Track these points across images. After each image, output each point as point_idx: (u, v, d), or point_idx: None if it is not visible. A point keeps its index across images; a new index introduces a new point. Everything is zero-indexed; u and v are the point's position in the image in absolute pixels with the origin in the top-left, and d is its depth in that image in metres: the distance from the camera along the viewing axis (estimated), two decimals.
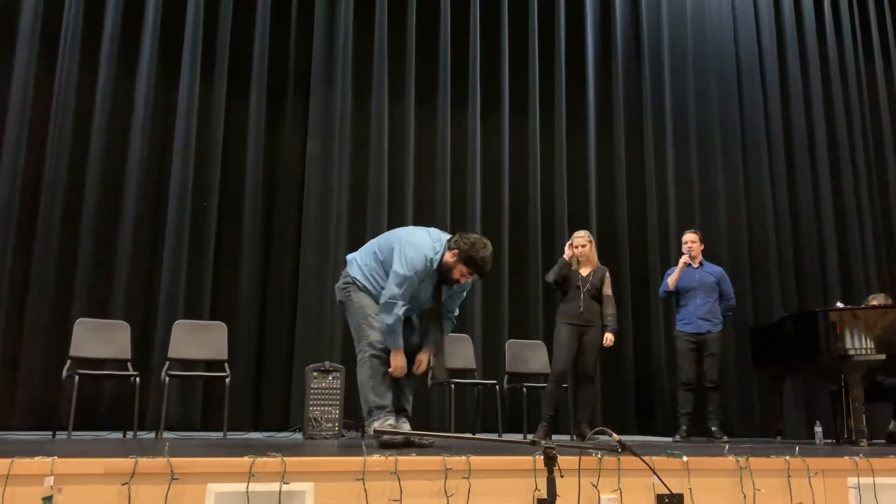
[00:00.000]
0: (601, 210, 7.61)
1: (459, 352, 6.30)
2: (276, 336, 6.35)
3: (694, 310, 5.87)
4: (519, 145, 7.48)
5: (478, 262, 3.59)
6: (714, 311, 5.91)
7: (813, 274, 8.09)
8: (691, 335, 5.85)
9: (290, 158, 6.69)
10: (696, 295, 5.89)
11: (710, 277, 5.99)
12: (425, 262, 3.56)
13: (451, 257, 3.60)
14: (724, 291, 6.02)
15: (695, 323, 5.85)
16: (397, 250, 3.58)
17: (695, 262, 6.03)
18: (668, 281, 5.99)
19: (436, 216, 6.95)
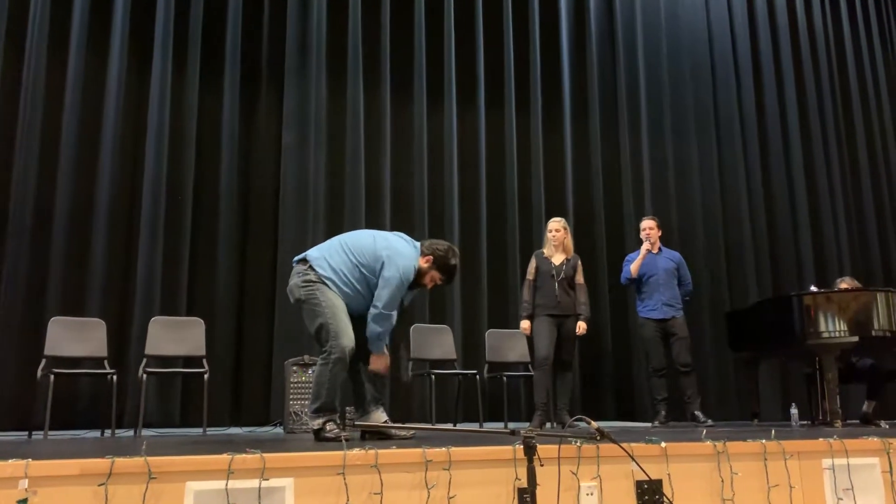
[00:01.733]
0: (577, 198, 7.65)
1: (439, 342, 6.31)
2: (254, 331, 6.33)
3: (658, 296, 5.87)
4: (495, 135, 7.48)
5: (451, 269, 3.71)
6: (676, 296, 5.93)
7: (787, 259, 8.19)
8: (658, 321, 5.85)
9: (265, 150, 6.66)
10: (660, 281, 5.89)
11: (671, 263, 6.00)
12: (413, 271, 3.62)
13: (425, 263, 3.67)
14: (682, 277, 6.04)
15: (660, 309, 5.86)
16: (388, 260, 3.59)
17: (655, 248, 6.03)
18: (631, 268, 5.97)
19: (413, 206, 6.95)
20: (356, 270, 3.66)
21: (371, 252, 3.66)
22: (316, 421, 3.54)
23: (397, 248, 3.64)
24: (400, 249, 3.64)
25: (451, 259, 3.69)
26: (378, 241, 3.71)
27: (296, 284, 3.69)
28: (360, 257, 3.67)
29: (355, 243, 3.72)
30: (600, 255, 7.54)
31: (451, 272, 3.71)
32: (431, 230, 6.94)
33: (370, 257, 3.66)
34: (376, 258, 3.64)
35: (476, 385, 6.06)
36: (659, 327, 5.87)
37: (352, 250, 3.69)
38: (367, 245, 3.70)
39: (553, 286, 5.46)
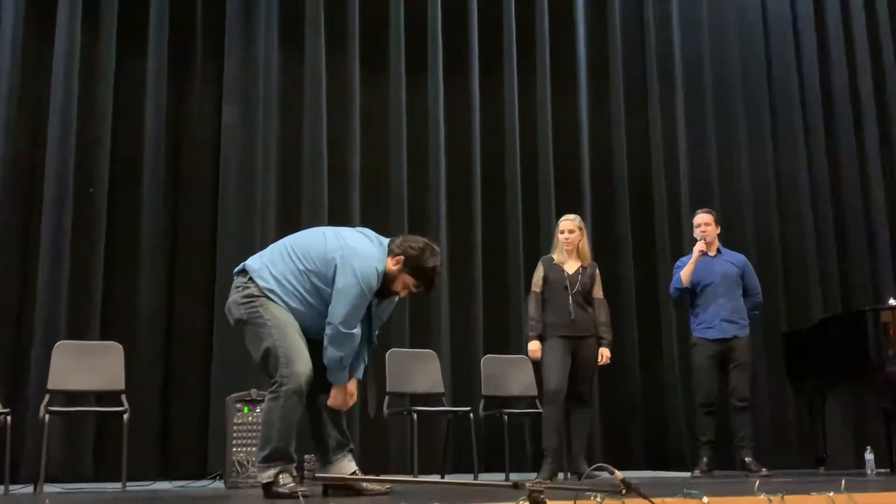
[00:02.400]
0: (596, 189, 7.66)
1: (423, 372, 6.32)
2: (187, 359, 6.31)
3: (716, 310, 5.86)
4: (492, 110, 7.48)
5: (427, 272, 3.66)
6: (739, 310, 5.92)
7: (860, 265, 8.20)
8: (714, 342, 5.84)
9: (200, 130, 6.65)
10: (717, 291, 5.90)
11: (733, 269, 6.00)
12: (376, 275, 3.60)
13: (395, 265, 3.64)
14: (749, 285, 6.04)
15: (718, 326, 5.85)
16: (341, 263, 3.58)
17: (711, 249, 6.03)
18: (681, 275, 5.95)
19: (389, 200, 6.96)
20: (305, 280, 3.65)
21: (321, 254, 3.65)
22: (266, 472, 3.52)
23: (354, 247, 3.63)
24: (358, 249, 3.63)
25: (429, 259, 3.65)
26: (330, 240, 3.69)
27: (234, 301, 3.69)
28: (308, 262, 3.65)
29: (302, 245, 3.72)
30: (625, 260, 7.56)
31: (428, 276, 3.67)
32: (413, 230, 6.88)
33: (320, 261, 3.64)
34: (327, 262, 3.62)
35: (469, 425, 6.02)
36: (716, 350, 5.85)
37: (299, 254, 3.68)
38: (315, 246, 3.68)
39: (566, 300, 5.48)
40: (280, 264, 3.67)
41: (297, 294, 3.64)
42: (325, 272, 3.61)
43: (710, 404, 5.83)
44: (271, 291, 3.62)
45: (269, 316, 3.58)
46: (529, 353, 5.57)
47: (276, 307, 3.61)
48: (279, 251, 3.74)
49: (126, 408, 5.27)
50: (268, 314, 3.59)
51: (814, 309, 7.81)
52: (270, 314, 3.59)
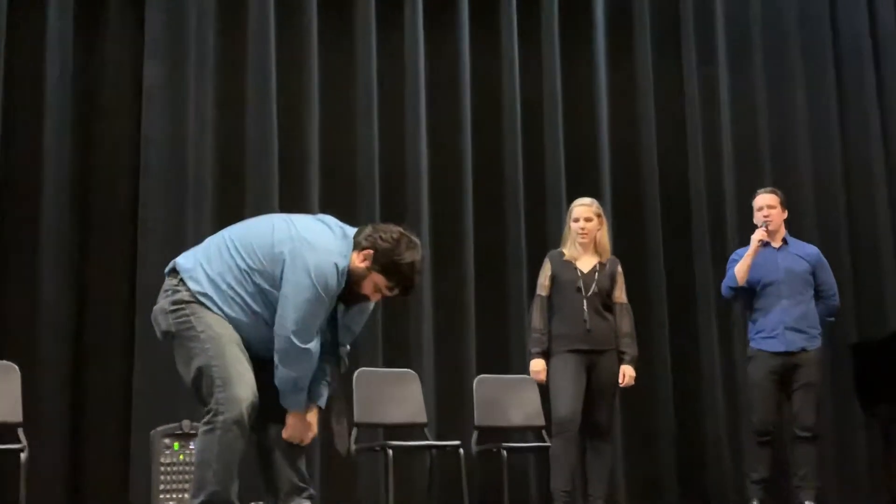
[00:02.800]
0: (617, 167, 7.69)
1: (401, 397, 6.34)
2: (102, 383, 6.28)
3: (780, 316, 5.88)
4: (486, 71, 7.48)
5: (403, 269, 3.63)
6: (809, 316, 5.95)
7: None
8: (776, 356, 5.86)
9: (115, 93, 6.61)
10: (781, 292, 5.92)
11: (802, 264, 6.03)
12: (336, 274, 3.57)
13: (362, 261, 3.62)
14: (822, 284, 6.08)
15: (781, 336, 5.87)
16: (291, 258, 3.56)
17: (775, 239, 6.05)
18: (736, 271, 5.99)
19: (355, 182, 6.96)
20: (247, 281, 3.63)
21: (266, 248, 3.62)
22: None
23: (307, 238, 3.61)
24: (312, 240, 3.60)
25: (405, 253, 3.61)
26: (279, 229, 3.67)
27: (161, 309, 3.69)
28: (251, 258, 3.63)
29: (245, 238, 3.70)
30: (654, 255, 7.59)
31: (404, 274, 3.63)
32: (385, 218, 6.85)
33: (265, 257, 3.62)
34: (274, 258, 3.60)
35: (459, 463, 6.04)
36: (777, 366, 5.86)
37: (240, 249, 3.66)
38: (260, 238, 3.67)
39: (580, 305, 5.47)
40: (217, 262, 3.66)
41: (237, 300, 3.63)
42: (272, 271, 3.59)
43: (767, 433, 5.84)
44: (205, 296, 3.61)
45: (202, 327, 3.57)
46: (532, 374, 5.58)
47: (211, 316, 3.60)
48: (217, 246, 3.73)
49: (24, 445, 5.27)
50: (201, 325, 3.58)
51: (890, 315, 7.83)
52: (204, 325, 3.58)
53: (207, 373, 3.53)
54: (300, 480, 3.75)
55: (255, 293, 3.62)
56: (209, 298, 3.61)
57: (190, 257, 3.75)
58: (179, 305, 3.62)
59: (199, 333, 3.57)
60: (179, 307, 3.62)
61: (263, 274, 3.60)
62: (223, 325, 3.60)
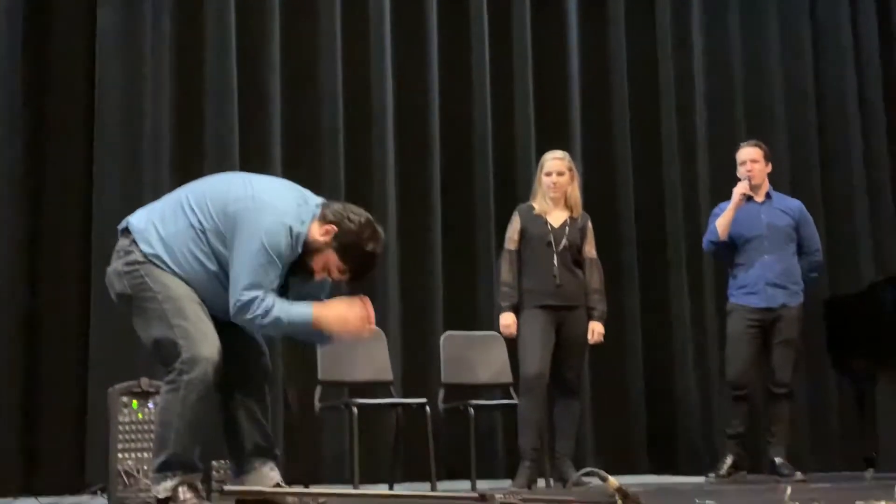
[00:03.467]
0: (588, 122, 7.73)
1: (366, 356, 6.32)
2: (56, 340, 6.23)
3: (761, 271, 5.93)
4: (454, 22, 7.45)
5: (363, 257, 3.59)
6: (792, 271, 6.00)
7: None
8: (757, 312, 5.92)
9: (67, 40, 6.51)
10: (764, 247, 5.96)
11: (785, 219, 6.08)
12: (289, 238, 3.54)
13: (323, 235, 3.57)
14: (805, 240, 6.13)
15: (763, 292, 5.92)
16: (242, 216, 3.55)
17: (759, 193, 6.07)
18: (717, 225, 6.02)
19: (320, 132, 6.93)
20: (201, 240, 3.61)
21: (220, 207, 3.59)
22: (162, 485, 3.53)
23: (263, 198, 3.58)
24: (267, 201, 3.57)
25: (367, 242, 3.57)
26: (234, 186, 3.67)
27: (114, 271, 3.69)
28: (205, 217, 3.60)
29: (200, 195, 3.67)
30: (625, 212, 7.63)
31: (360, 261, 3.60)
32: (351, 171, 6.94)
33: (219, 216, 3.59)
34: (227, 217, 3.57)
35: (426, 422, 6.05)
36: (756, 320, 5.91)
37: (195, 207, 3.63)
38: (215, 196, 3.64)
39: (550, 260, 5.47)
40: (171, 222, 3.65)
41: (191, 259, 3.62)
42: (225, 231, 3.58)
43: (742, 387, 5.94)
44: (157, 258, 3.61)
45: (158, 287, 3.58)
46: (502, 329, 5.58)
47: (167, 276, 3.61)
48: (172, 204, 3.73)
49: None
50: (157, 285, 3.58)
51: (864, 270, 7.92)
52: (161, 285, 3.59)
53: (168, 334, 3.54)
54: (264, 440, 3.78)
55: (209, 253, 3.62)
56: (161, 260, 3.61)
57: (143, 217, 3.73)
58: (133, 266, 3.62)
59: (156, 294, 3.57)
60: (133, 268, 3.62)
61: (216, 233, 3.60)
62: (180, 285, 3.60)
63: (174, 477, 3.51)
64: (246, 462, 3.75)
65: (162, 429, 3.56)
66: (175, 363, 3.51)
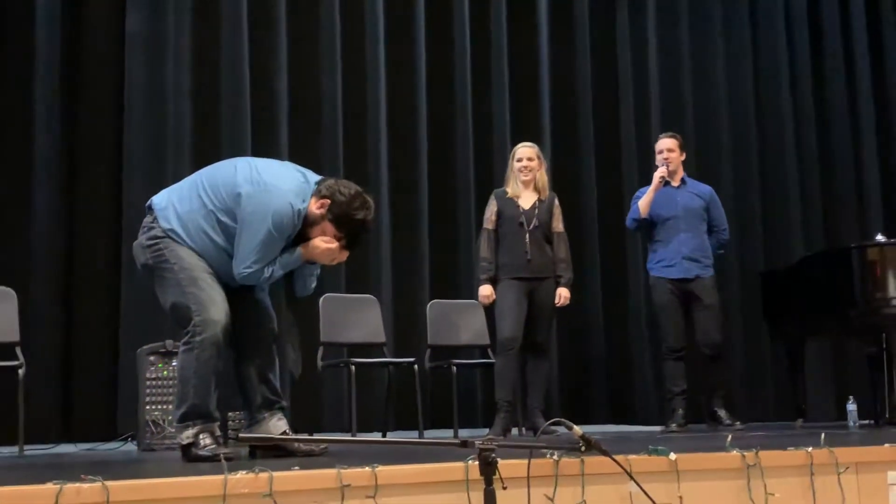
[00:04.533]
0: (557, 112, 7.72)
1: (361, 320, 6.37)
2: (91, 305, 6.25)
3: (677, 246, 5.96)
4: (440, 27, 7.47)
5: (355, 224, 3.65)
6: (703, 247, 6.03)
7: (846, 198, 8.38)
8: (675, 282, 5.95)
9: (100, 41, 6.49)
10: (679, 225, 6.00)
11: (698, 201, 6.09)
12: (292, 214, 3.59)
13: (319, 208, 3.64)
14: (715, 219, 6.15)
15: (679, 265, 5.95)
16: (248, 197, 3.58)
17: (675, 179, 6.09)
18: (639, 205, 6.05)
19: (321, 123, 6.94)
20: (212, 218, 3.66)
21: (229, 188, 3.64)
22: (184, 433, 3.56)
23: (266, 180, 3.62)
24: (270, 183, 3.61)
25: (358, 211, 3.64)
26: (241, 170, 3.69)
27: (139, 244, 3.74)
28: (216, 198, 3.66)
29: (213, 179, 3.72)
30: (587, 190, 7.67)
31: (353, 229, 3.66)
32: (349, 158, 6.93)
33: (228, 196, 3.64)
34: (235, 198, 3.62)
35: (414, 378, 6.11)
36: (677, 290, 5.96)
37: (208, 190, 3.68)
38: (224, 178, 3.69)
39: (522, 238, 5.53)
40: (187, 202, 3.69)
41: (203, 235, 3.66)
42: (234, 208, 3.62)
43: (679, 349, 5.93)
44: (174, 232, 3.65)
45: (175, 259, 3.63)
46: (481, 298, 5.64)
47: (183, 249, 3.65)
48: (189, 186, 3.76)
49: (21, 362, 5.23)
50: (174, 257, 3.64)
51: (794, 246, 7.99)
52: (177, 257, 3.63)
53: (183, 300, 3.58)
54: (272, 394, 3.80)
55: (218, 230, 3.65)
56: (177, 234, 3.64)
57: (164, 196, 3.78)
58: (154, 241, 3.67)
59: (172, 265, 3.62)
60: (154, 242, 3.67)
61: (226, 211, 3.63)
62: (194, 257, 3.64)
63: (194, 426, 3.54)
64: (257, 412, 3.77)
65: (181, 384, 3.60)
66: (189, 326, 3.56)
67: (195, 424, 3.55)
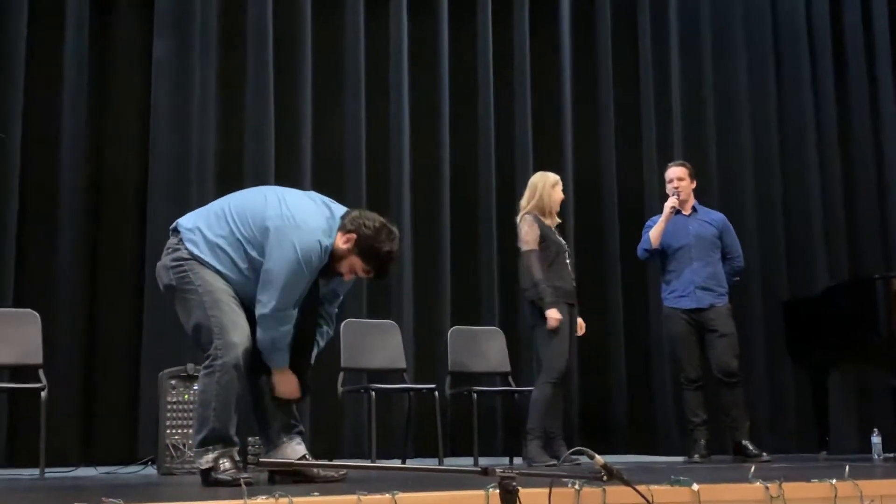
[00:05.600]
0: (580, 138, 7.72)
1: (382, 345, 6.37)
2: (114, 329, 6.27)
3: (690, 276, 5.93)
4: (463, 47, 7.50)
5: (382, 257, 3.65)
6: (717, 276, 5.99)
7: (871, 228, 8.32)
8: (689, 312, 5.93)
9: (127, 68, 6.55)
10: (691, 254, 5.97)
11: (710, 229, 6.07)
12: (320, 252, 3.60)
13: (345, 243, 3.64)
14: (728, 247, 6.11)
15: (692, 295, 5.92)
16: (276, 233, 3.59)
17: (686, 207, 6.08)
18: (650, 235, 6.04)
19: (344, 148, 6.95)
20: (239, 247, 3.66)
21: (258, 221, 3.64)
22: (204, 458, 3.56)
23: (295, 216, 3.62)
24: (300, 219, 3.62)
25: (385, 242, 3.65)
26: (271, 204, 3.68)
27: (163, 265, 3.75)
28: (245, 228, 3.66)
29: (241, 207, 3.72)
30: (610, 222, 7.64)
31: (381, 261, 3.67)
32: (372, 182, 6.95)
33: (257, 229, 3.64)
34: (263, 231, 3.62)
35: (434, 405, 6.09)
36: (691, 320, 5.93)
37: (236, 218, 3.68)
38: (254, 210, 3.69)
39: (565, 263, 5.62)
40: (215, 227, 3.70)
41: (229, 262, 3.67)
42: (262, 241, 3.63)
43: (696, 379, 5.91)
44: (199, 256, 3.65)
45: (199, 282, 3.63)
46: (554, 322, 5.50)
47: (207, 272, 3.65)
48: (217, 212, 3.76)
49: (44, 384, 5.26)
50: (198, 279, 3.63)
51: (818, 275, 7.93)
52: (201, 279, 3.63)
53: (206, 322, 3.59)
54: (291, 418, 3.80)
55: (245, 258, 3.66)
56: (203, 258, 3.65)
57: (191, 219, 3.78)
58: (179, 262, 3.67)
59: (196, 287, 3.62)
60: (179, 264, 3.67)
61: (253, 243, 3.64)
62: (218, 280, 3.64)
63: (214, 450, 3.53)
64: (276, 437, 3.76)
65: (201, 408, 3.60)
66: (210, 349, 3.57)
67: (215, 449, 3.54)
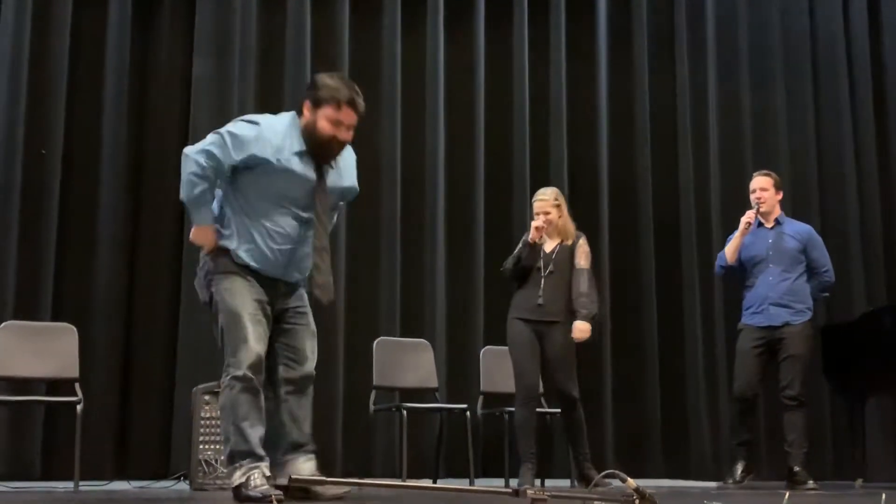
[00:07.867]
0: (615, 162, 7.71)
1: (414, 364, 6.39)
2: (149, 343, 6.33)
3: (764, 291, 5.69)
4: (499, 69, 7.51)
5: (329, 88, 3.63)
6: (797, 291, 5.71)
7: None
8: (760, 330, 5.68)
9: (167, 85, 6.62)
10: (768, 268, 5.73)
11: (791, 241, 5.78)
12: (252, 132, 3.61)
13: (308, 112, 3.67)
14: (814, 260, 5.81)
15: (766, 312, 5.67)
16: None
17: (768, 220, 5.83)
18: (726, 251, 5.84)
19: (380, 164, 6.96)
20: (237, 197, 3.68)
21: None
22: (234, 475, 3.55)
23: None
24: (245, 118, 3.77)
25: (326, 81, 3.68)
26: None
27: (197, 281, 3.82)
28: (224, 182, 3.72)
29: None
30: (646, 238, 7.62)
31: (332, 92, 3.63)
32: (407, 198, 6.98)
33: None
34: None
35: (466, 425, 6.09)
36: (761, 339, 5.68)
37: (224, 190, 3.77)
38: None
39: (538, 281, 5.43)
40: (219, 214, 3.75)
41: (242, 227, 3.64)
42: None
43: (745, 399, 5.65)
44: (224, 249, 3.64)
45: (219, 297, 3.66)
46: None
47: (228, 280, 3.64)
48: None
49: (80, 398, 5.31)
50: (219, 293, 3.66)
51: (856, 301, 7.84)
52: (222, 295, 3.64)
53: (222, 338, 3.64)
54: (301, 438, 3.76)
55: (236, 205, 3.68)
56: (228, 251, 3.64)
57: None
58: (207, 279, 3.72)
59: (217, 301, 3.67)
60: (207, 280, 3.72)
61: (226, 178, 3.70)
62: (242, 286, 3.63)
63: (241, 467, 3.52)
64: (284, 454, 3.72)
65: (223, 423, 3.62)
66: (224, 365, 3.60)
67: (242, 465, 3.53)
